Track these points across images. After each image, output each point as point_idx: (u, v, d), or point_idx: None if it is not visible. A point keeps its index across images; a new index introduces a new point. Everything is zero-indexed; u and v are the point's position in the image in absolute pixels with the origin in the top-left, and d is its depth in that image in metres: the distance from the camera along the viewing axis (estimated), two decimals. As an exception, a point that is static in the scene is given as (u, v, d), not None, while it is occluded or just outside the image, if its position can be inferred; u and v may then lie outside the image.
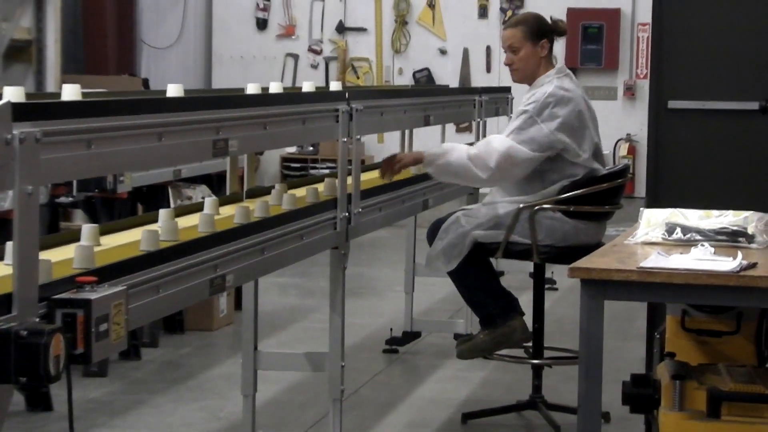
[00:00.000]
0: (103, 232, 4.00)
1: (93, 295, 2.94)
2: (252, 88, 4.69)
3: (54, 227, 7.20)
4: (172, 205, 7.73)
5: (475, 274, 5.46)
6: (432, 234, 5.52)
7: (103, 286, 3.04)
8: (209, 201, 4.42)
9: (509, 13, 13.62)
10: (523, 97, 5.55)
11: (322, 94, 5.09)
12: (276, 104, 4.41)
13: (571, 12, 13.72)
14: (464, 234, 5.42)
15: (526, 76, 5.49)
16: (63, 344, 2.77)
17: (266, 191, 5.15)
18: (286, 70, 14.30)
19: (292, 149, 13.81)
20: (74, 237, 3.82)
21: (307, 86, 5.14)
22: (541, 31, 5.48)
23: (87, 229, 3.65)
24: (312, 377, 6.19)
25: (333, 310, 5.10)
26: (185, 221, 4.21)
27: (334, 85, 5.65)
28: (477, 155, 5.35)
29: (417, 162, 5.48)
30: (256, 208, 4.50)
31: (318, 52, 14.32)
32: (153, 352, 7.05)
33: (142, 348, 6.98)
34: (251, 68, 14.11)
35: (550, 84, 5.44)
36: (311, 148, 13.85)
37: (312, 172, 13.40)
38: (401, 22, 14.19)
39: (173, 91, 4.10)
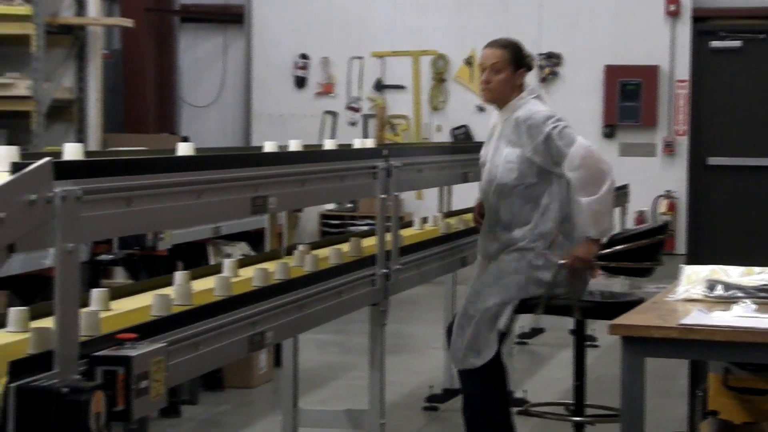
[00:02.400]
0: (141, 289, 4.01)
1: (133, 352, 2.95)
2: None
3: (95, 285, 7.22)
4: (211, 262, 7.75)
5: (482, 395, 5.45)
6: (449, 333, 5.57)
7: (143, 343, 3.05)
8: (228, 263, 4.39)
9: (547, 70, 13.65)
10: (494, 120, 5.52)
11: (360, 151, 5.11)
12: (314, 161, 4.43)
13: (609, 69, 13.73)
14: (486, 317, 5.39)
15: (498, 98, 5.45)
16: (103, 401, 2.77)
17: (311, 247, 5.16)
18: (325, 127, 14.37)
19: (331, 206, 13.85)
20: (117, 294, 3.84)
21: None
22: (521, 60, 5.47)
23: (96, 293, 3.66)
24: (351, 435, 6.16)
25: (372, 367, 5.09)
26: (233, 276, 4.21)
27: (368, 142, 5.68)
28: (587, 184, 5.26)
29: (594, 251, 5.37)
30: (296, 266, 4.51)
31: (356, 110, 14.39)
32: (193, 409, 7.04)
33: (182, 405, 6.97)
34: (290, 126, 14.19)
35: (531, 105, 5.41)
36: (350, 205, 13.88)
37: (351, 228, 13.43)
38: (439, 79, 14.24)
39: (183, 150, 4.11)
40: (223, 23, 14.90)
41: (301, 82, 14.46)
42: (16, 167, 2.72)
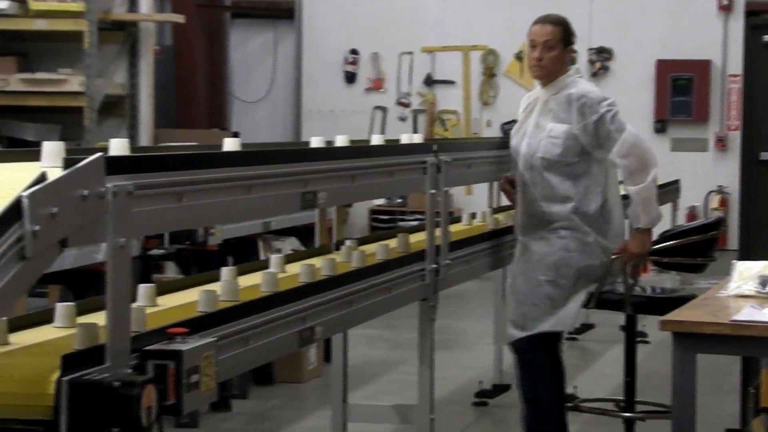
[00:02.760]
0: (193, 284, 4.03)
1: (184, 347, 2.97)
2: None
3: (146, 280, 7.28)
4: (261, 257, 7.78)
5: (544, 372, 5.36)
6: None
7: (193, 338, 3.06)
8: (275, 259, 4.39)
9: (597, 65, 13.59)
10: (533, 95, 5.46)
11: (410, 147, 5.11)
12: (364, 157, 4.43)
13: (661, 63, 13.65)
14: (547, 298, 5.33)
15: (547, 75, 5.37)
16: (154, 395, 2.79)
17: (358, 243, 5.16)
18: (375, 123, 14.38)
19: (381, 201, 13.86)
20: (172, 288, 3.87)
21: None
22: (570, 37, 5.43)
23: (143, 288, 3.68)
24: (401, 430, 6.17)
25: (422, 362, 5.09)
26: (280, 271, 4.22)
27: (416, 137, 5.68)
28: (635, 172, 5.25)
29: (647, 243, 5.35)
30: (345, 261, 4.52)
31: (406, 105, 14.38)
32: (243, 403, 7.07)
33: (232, 399, 7.00)
34: (340, 121, 14.22)
35: (582, 83, 5.39)
36: (400, 200, 13.88)
37: (400, 224, 13.43)
38: (489, 74, 14.22)
39: (229, 146, 4.12)
40: (274, 19, 14.95)
41: (351, 78, 14.49)
42: (68, 163, 2.75)
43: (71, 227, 2.71)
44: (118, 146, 3.12)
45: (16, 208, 2.56)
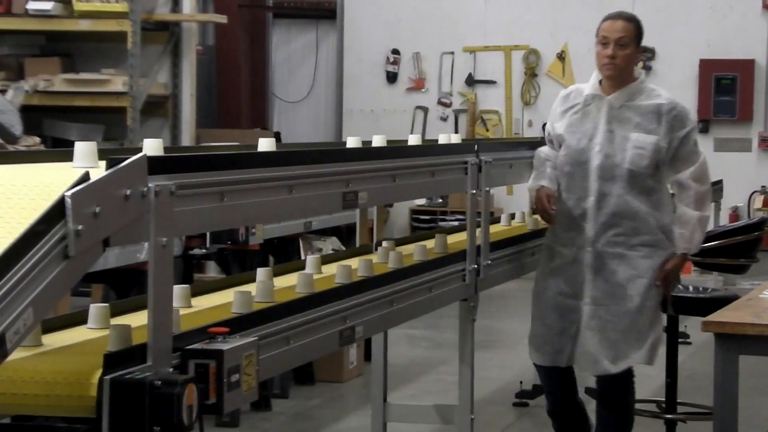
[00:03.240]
0: (233, 283, 4.05)
1: (225, 346, 2.98)
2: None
3: (188, 279, 7.31)
4: (302, 256, 7.80)
5: (628, 410, 5.24)
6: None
7: (234, 337, 3.08)
8: (311, 260, 4.38)
9: (640, 65, 13.53)
10: (592, 96, 5.12)
11: (451, 147, 5.11)
12: (405, 157, 4.43)
13: (704, 63, 13.58)
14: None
15: (619, 75, 5.05)
16: (195, 394, 2.81)
17: (396, 243, 5.17)
18: (416, 123, 14.38)
19: (422, 201, 13.86)
20: (206, 289, 3.88)
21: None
22: (641, 37, 5.12)
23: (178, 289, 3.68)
24: (441, 430, 6.17)
25: (462, 362, 5.09)
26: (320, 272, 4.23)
27: (455, 137, 5.67)
28: (704, 198, 5.09)
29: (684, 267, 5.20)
30: (386, 261, 4.52)
31: (447, 105, 14.38)
32: (284, 403, 7.09)
33: (273, 399, 7.02)
34: (381, 121, 14.23)
35: (663, 92, 5.15)
36: (440, 200, 13.88)
37: (441, 224, 13.42)
38: (530, 74, 14.19)
39: (264, 146, 4.13)
40: (316, 19, 14.99)
41: (392, 78, 14.50)
42: (111, 162, 2.77)
43: (114, 226, 2.72)
44: (153, 146, 3.13)
45: (59, 207, 2.58)
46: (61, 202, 2.58)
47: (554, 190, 5.14)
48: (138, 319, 3.22)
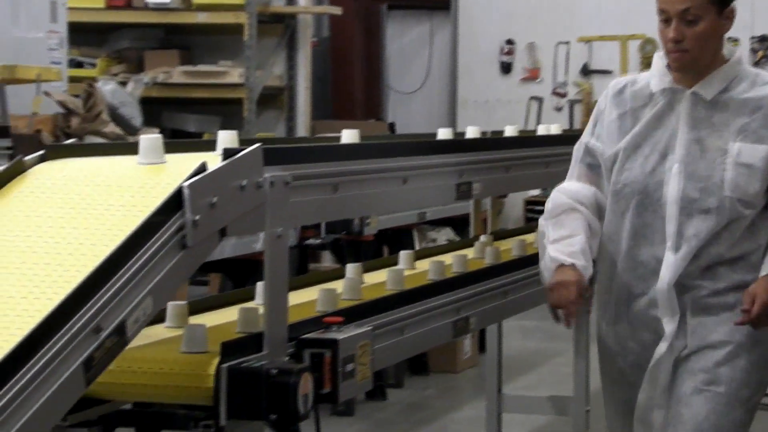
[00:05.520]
0: (315, 281, 4.04)
1: (340, 336, 3.00)
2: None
3: (303, 269, 7.38)
4: (416, 247, 7.81)
5: None
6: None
7: (349, 327, 3.10)
8: (404, 255, 4.30)
9: (760, 54, 13.27)
10: (665, 90, 3.45)
11: (565, 137, 5.07)
12: (519, 147, 4.41)
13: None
14: None
15: (696, 61, 3.39)
16: (311, 383, 2.83)
17: (510, 234, 5.15)
18: (530, 113, 14.31)
19: (536, 192, 13.78)
20: (321, 279, 3.91)
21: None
22: (727, 1, 3.40)
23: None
24: (556, 421, 6.13)
25: (577, 354, 5.06)
26: (425, 264, 4.24)
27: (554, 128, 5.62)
28: None
29: None
30: (501, 251, 4.51)
31: (562, 95, 14.27)
32: (398, 392, 7.12)
33: (388, 389, 7.05)
34: (495, 112, 14.17)
35: (764, 78, 3.47)
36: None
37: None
38: (647, 63, 13.99)
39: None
40: (430, 10, 14.97)
41: (506, 68, 14.42)
42: (228, 153, 2.80)
43: (230, 217, 2.76)
44: (227, 138, 3.09)
45: (177, 198, 2.62)
46: (178, 192, 2.62)
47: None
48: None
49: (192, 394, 2.82)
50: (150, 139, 2.94)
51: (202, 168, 2.72)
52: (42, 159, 2.99)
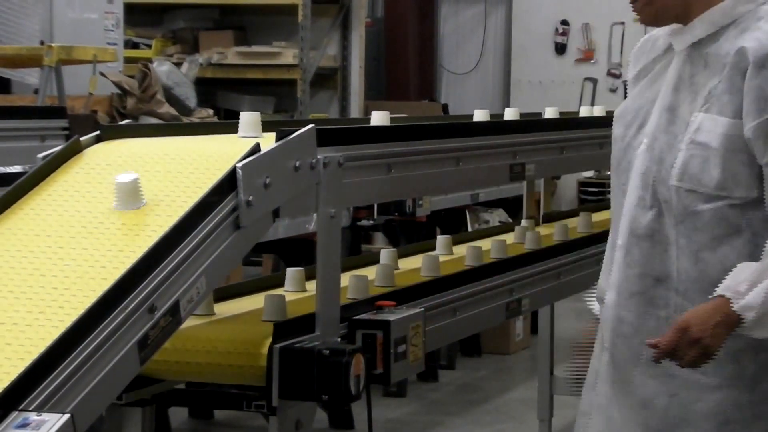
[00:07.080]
0: (402, 255, 4.07)
1: (392, 317, 3.00)
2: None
3: (356, 250, 7.39)
4: (469, 228, 7.80)
5: None
6: None
7: (401, 308, 3.10)
8: (442, 240, 4.25)
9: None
10: (662, 46, 2.79)
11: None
12: (573, 128, 4.39)
13: None
14: None
15: (666, 9, 2.67)
16: (363, 364, 2.84)
17: (563, 215, 5.13)
18: (585, 94, 14.23)
19: (590, 173, 13.71)
20: (374, 259, 3.91)
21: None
22: None
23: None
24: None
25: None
26: (482, 245, 4.24)
27: (596, 110, 5.56)
28: None
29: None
30: (553, 233, 4.49)
31: (617, 76, 14.18)
32: (450, 374, 7.13)
33: (440, 370, 7.06)
34: (549, 93, 14.10)
35: (764, 24, 2.59)
36: (609, 173, 13.71)
37: (608, 196, 13.25)
38: (704, 44, 13.90)
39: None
40: (484, -10, 14.92)
41: (561, 49, 14.35)
42: (281, 134, 2.81)
43: (283, 197, 2.77)
44: (249, 120, 3.02)
45: (231, 178, 2.63)
46: (232, 173, 2.63)
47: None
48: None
49: (245, 374, 2.83)
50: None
51: (256, 149, 2.73)
52: (98, 139, 3.01)
